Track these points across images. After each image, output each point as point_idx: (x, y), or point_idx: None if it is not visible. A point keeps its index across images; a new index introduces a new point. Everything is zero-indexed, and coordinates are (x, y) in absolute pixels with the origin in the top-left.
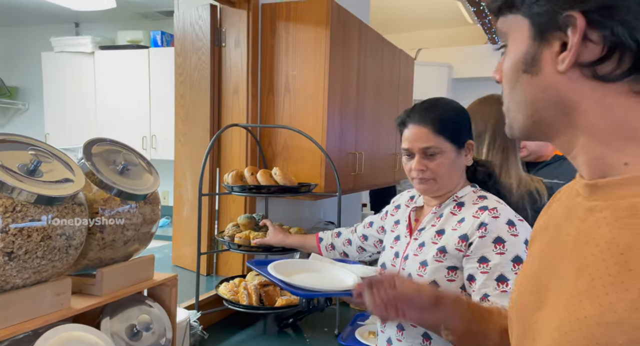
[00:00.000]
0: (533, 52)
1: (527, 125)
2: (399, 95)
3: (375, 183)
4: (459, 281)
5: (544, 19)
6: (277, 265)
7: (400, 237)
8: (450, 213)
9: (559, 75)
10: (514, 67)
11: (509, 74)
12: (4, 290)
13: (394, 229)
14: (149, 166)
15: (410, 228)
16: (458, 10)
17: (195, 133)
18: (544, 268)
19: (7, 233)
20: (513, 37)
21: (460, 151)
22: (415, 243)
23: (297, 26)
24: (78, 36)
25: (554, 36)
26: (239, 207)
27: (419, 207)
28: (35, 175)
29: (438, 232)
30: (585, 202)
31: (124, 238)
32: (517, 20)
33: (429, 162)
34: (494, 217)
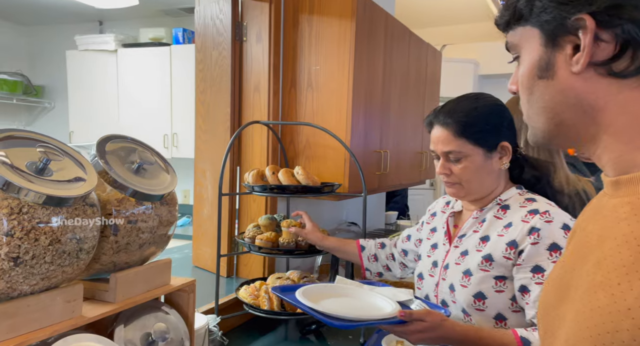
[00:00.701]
0: (547, 57)
1: (550, 129)
2: (426, 91)
3: (401, 183)
4: (509, 292)
5: (553, 26)
6: (305, 292)
7: (438, 244)
8: (494, 218)
9: (574, 77)
10: (530, 75)
11: (525, 82)
12: (11, 297)
13: (430, 237)
14: (166, 164)
15: (449, 235)
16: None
17: (215, 130)
18: (569, 269)
19: (12, 237)
20: (525, 47)
21: (490, 154)
22: (456, 252)
23: (320, 19)
24: (101, 34)
25: (565, 40)
26: (259, 207)
27: (457, 211)
28: (45, 173)
29: (482, 238)
30: (610, 200)
31: (139, 241)
32: (526, 31)
33: (453, 165)
34: (546, 221)
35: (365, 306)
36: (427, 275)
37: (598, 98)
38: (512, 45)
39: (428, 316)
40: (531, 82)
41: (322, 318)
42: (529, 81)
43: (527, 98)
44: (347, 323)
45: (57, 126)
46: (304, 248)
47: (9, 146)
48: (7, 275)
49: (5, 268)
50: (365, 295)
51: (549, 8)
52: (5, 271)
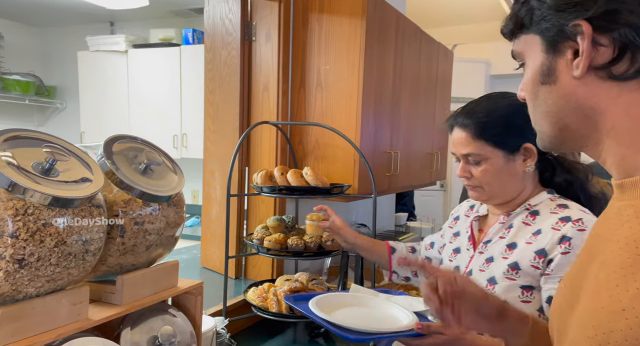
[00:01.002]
0: (548, 63)
1: (555, 134)
2: (437, 92)
3: (411, 184)
4: (536, 302)
5: (553, 32)
6: (319, 302)
7: (461, 249)
8: (522, 224)
9: (576, 81)
10: (533, 81)
11: (529, 88)
12: (16, 300)
13: (453, 241)
14: (174, 165)
15: (474, 240)
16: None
17: (224, 131)
18: (581, 270)
19: (17, 239)
20: (528, 55)
21: (512, 157)
22: (480, 258)
23: (330, 18)
24: (112, 35)
25: (565, 46)
26: (268, 208)
27: (482, 216)
28: (51, 174)
29: (509, 245)
30: (615, 202)
31: (146, 243)
32: (529, 39)
33: (473, 168)
34: (579, 230)
35: (381, 317)
36: None
37: (599, 101)
38: (517, 53)
39: (447, 329)
40: (535, 87)
41: (336, 331)
42: (533, 87)
43: (533, 104)
44: (362, 336)
45: (68, 126)
46: (313, 250)
47: (14, 146)
48: (12, 277)
49: (10, 270)
50: (381, 304)
51: (547, 16)
52: (10, 273)
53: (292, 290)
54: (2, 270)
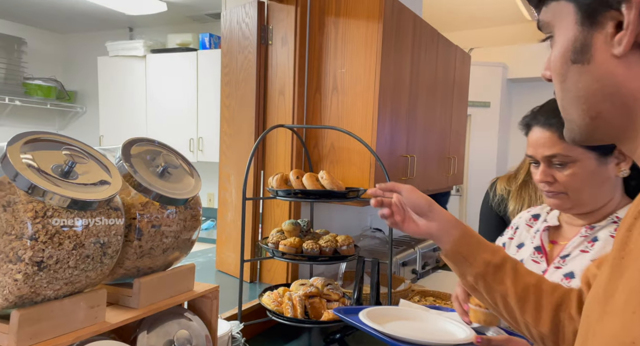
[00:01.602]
0: (582, 38)
1: (586, 124)
2: (454, 95)
3: (427, 188)
4: None
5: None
6: (369, 313)
7: (526, 261)
8: (610, 237)
9: (615, 60)
10: (562, 58)
11: (557, 67)
12: (34, 302)
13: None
14: (191, 168)
15: (545, 252)
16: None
17: (240, 134)
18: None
19: (36, 241)
20: (558, 26)
21: (605, 159)
22: (557, 273)
23: (347, 21)
24: (131, 40)
25: (605, 17)
26: (283, 212)
27: (553, 226)
28: (70, 177)
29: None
30: None
31: (163, 246)
32: (560, 6)
33: (557, 172)
34: None
35: (435, 331)
36: None
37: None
38: (544, 24)
39: (509, 344)
40: (564, 67)
41: (389, 341)
42: (561, 66)
43: (560, 87)
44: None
45: (88, 130)
46: (328, 254)
47: (35, 149)
48: (31, 279)
49: (29, 273)
50: (433, 318)
51: None
52: (29, 275)
53: (307, 295)
54: (22, 272)
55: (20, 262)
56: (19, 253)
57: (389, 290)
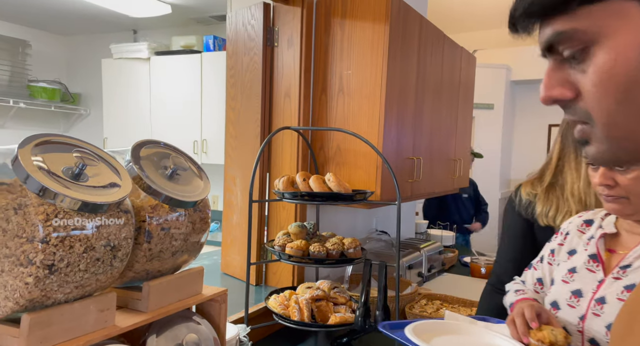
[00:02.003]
0: None
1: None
2: (460, 97)
3: (434, 191)
4: None
5: None
6: (416, 329)
7: (578, 269)
8: None
9: None
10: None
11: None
12: (45, 305)
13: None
14: (199, 171)
15: (602, 261)
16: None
17: (245, 136)
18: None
19: (47, 244)
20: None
21: None
22: (617, 284)
23: (353, 23)
24: (135, 43)
25: None
26: (289, 214)
27: (611, 234)
28: (80, 179)
29: None
30: None
31: (172, 249)
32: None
33: (618, 175)
34: None
35: None
36: (564, 304)
37: None
38: (574, 34)
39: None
40: (634, 73)
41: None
42: (630, 72)
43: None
44: None
45: (92, 132)
46: (335, 257)
47: (45, 151)
48: (42, 283)
49: (40, 276)
50: (481, 333)
51: None
52: (41, 279)
53: (314, 298)
54: (33, 276)
55: (31, 265)
56: (30, 256)
57: (396, 293)
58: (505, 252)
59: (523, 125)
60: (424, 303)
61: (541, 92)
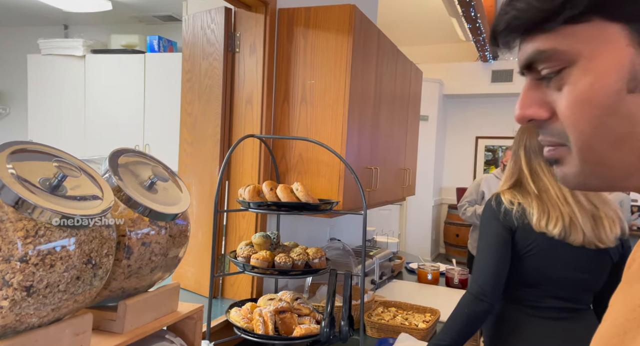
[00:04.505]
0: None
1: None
2: (409, 110)
3: (386, 200)
4: None
5: None
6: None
7: None
8: None
9: None
10: (613, 88)
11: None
12: (17, 331)
13: None
14: (178, 180)
15: None
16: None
17: (202, 142)
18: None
19: (27, 263)
20: (590, 54)
21: None
22: None
23: (316, 33)
24: (69, 39)
25: None
26: (249, 224)
27: None
28: (58, 191)
29: None
30: None
31: (152, 265)
32: (591, 30)
33: None
34: None
35: None
36: None
37: None
38: (554, 53)
39: None
40: (612, 98)
41: None
42: (608, 98)
43: (597, 123)
44: None
45: (12, 133)
46: (300, 268)
47: (19, 159)
48: (18, 306)
49: (17, 299)
50: None
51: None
52: (17, 302)
53: (278, 310)
54: (8, 299)
55: (7, 287)
56: (7, 277)
57: (361, 302)
58: (486, 261)
59: (453, 137)
60: (381, 311)
61: (516, 111)
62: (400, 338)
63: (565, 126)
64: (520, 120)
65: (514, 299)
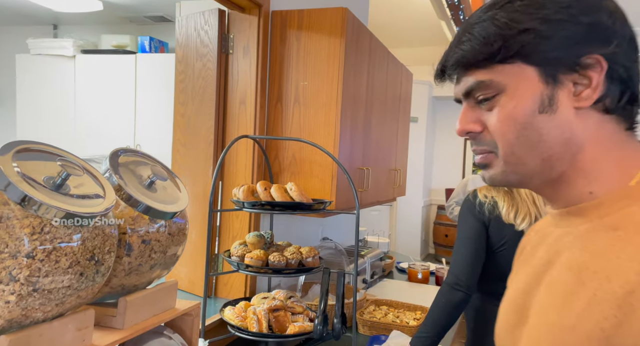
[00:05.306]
0: (549, 93)
1: (534, 165)
2: (400, 111)
3: (378, 200)
4: None
5: (558, 64)
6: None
7: None
8: None
9: (574, 112)
10: (527, 111)
11: (520, 118)
12: (22, 325)
13: None
14: (176, 179)
15: None
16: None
17: (196, 144)
18: (524, 292)
19: (33, 259)
20: (516, 85)
21: None
22: None
23: (309, 35)
24: (59, 39)
25: (567, 78)
26: (243, 224)
27: None
28: (62, 189)
29: None
30: (555, 230)
31: (151, 262)
32: (517, 68)
33: None
34: None
35: None
36: None
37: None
38: (486, 84)
39: None
40: (529, 117)
41: None
42: (526, 117)
43: (518, 134)
44: None
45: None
46: (294, 266)
47: (24, 159)
48: (24, 301)
49: (23, 294)
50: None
51: (558, 47)
52: (23, 297)
53: (272, 309)
54: (15, 294)
55: (14, 282)
56: (14, 272)
57: (354, 300)
58: (461, 252)
59: (442, 138)
60: (372, 309)
61: (457, 126)
62: (393, 336)
63: (495, 137)
64: (461, 133)
65: (492, 293)
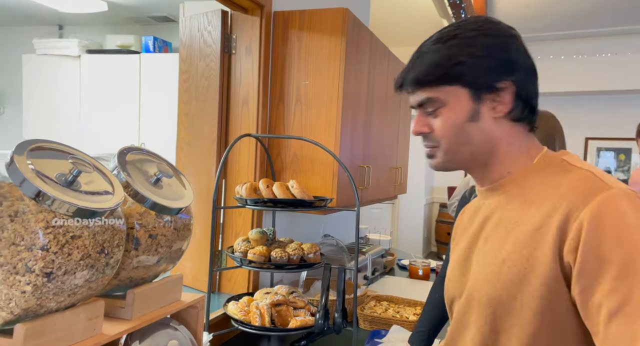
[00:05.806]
0: (476, 107)
1: (465, 157)
2: (401, 109)
3: (379, 198)
4: None
5: (481, 87)
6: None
7: None
8: None
9: (493, 120)
10: (460, 120)
11: (455, 125)
12: (37, 315)
13: None
14: (181, 176)
15: None
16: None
17: (200, 142)
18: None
19: (47, 251)
20: (453, 102)
21: None
22: None
23: (310, 35)
24: (63, 39)
25: (487, 97)
26: (245, 221)
27: None
28: (74, 185)
29: None
30: (485, 201)
31: (158, 256)
32: (454, 89)
33: None
34: None
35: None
36: None
37: (500, 135)
38: (434, 99)
39: None
40: (461, 124)
41: None
42: (459, 124)
43: (454, 135)
44: None
45: (7, 133)
46: (296, 262)
47: (37, 157)
48: (39, 291)
49: (38, 284)
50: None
51: (481, 75)
52: (39, 287)
53: (274, 303)
54: (31, 284)
55: (30, 273)
56: (29, 264)
57: (354, 295)
58: None
59: None
60: (373, 305)
61: (412, 128)
62: (393, 330)
63: (439, 136)
64: (415, 134)
65: None
